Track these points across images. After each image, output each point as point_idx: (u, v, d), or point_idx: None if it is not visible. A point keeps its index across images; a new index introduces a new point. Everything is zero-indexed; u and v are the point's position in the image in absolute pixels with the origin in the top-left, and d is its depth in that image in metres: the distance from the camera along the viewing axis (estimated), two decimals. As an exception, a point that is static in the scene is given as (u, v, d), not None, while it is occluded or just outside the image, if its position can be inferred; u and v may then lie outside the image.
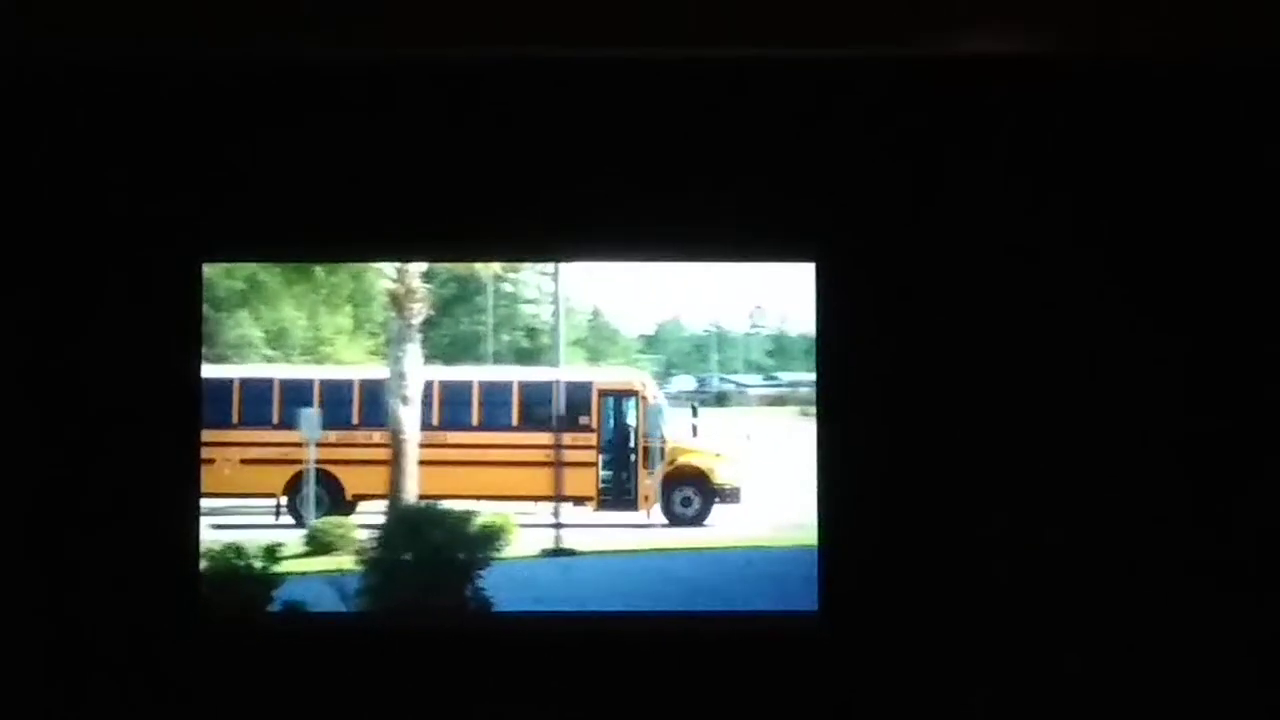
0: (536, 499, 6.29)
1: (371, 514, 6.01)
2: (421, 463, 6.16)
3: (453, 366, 6.31)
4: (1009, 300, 3.81)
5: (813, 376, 5.65)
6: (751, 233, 3.91)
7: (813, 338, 5.38)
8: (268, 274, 5.86)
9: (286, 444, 6.09)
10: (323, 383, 6.20)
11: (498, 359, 6.35)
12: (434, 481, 6.20)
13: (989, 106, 3.81)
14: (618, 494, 6.47)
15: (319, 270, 5.81)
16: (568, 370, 6.37)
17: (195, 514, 3.62)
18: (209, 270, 5.33)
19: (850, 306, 3.79)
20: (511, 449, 6.41)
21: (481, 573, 5.53)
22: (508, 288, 6.13)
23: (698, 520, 6.35)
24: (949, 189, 3.80)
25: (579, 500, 6.34)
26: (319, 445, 6.15)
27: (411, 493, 5.95)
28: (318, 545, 5.63)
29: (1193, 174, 3.83)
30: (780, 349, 6.01)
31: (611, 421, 6.46)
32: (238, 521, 5.72)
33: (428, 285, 5.78)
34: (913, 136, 3.78)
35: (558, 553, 6.08)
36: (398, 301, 5.75)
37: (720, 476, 6.51)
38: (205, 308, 5.43)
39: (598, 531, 6.28)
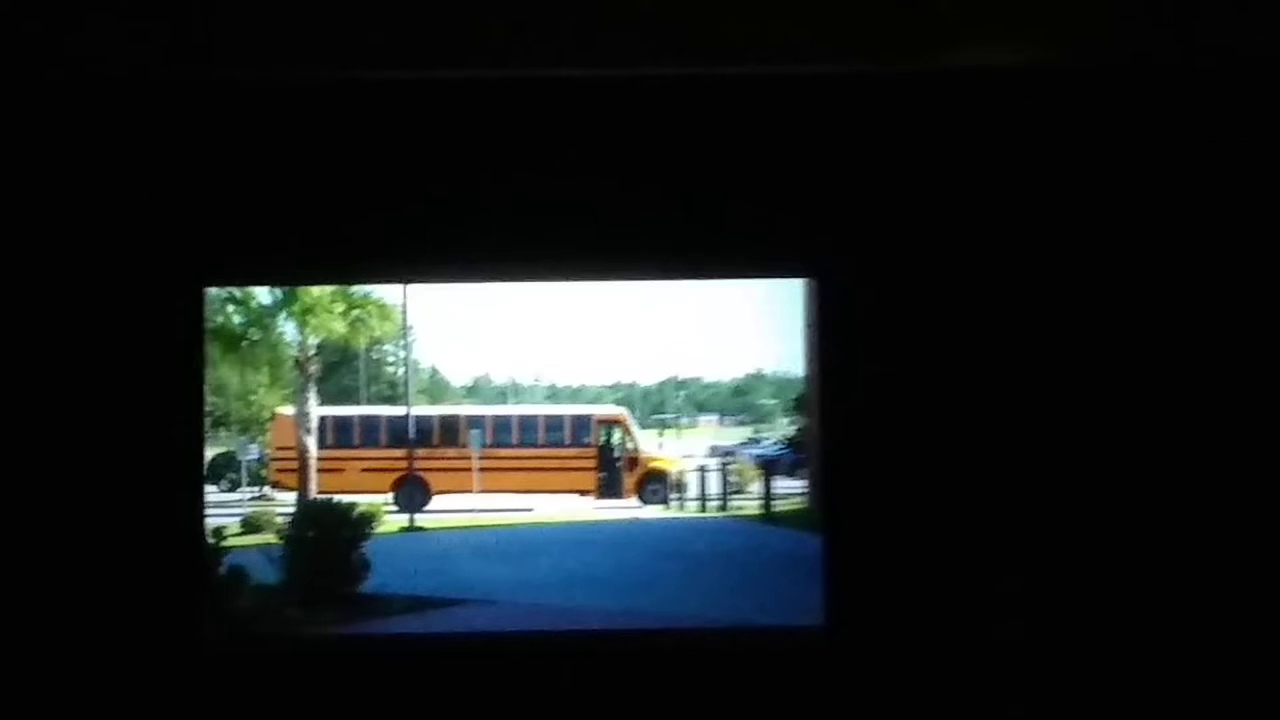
0: (552, 491, 10.20)
1: (286, 505, 8.99)
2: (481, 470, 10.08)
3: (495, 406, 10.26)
4: (1007, 311, 3.79)
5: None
6: (748, 251, 3.84)
7: (576, 387, 8.72)
8: (209, 345, 8.85)
9: (391, 458, 9.87)
10: (416, 418, 9.96)
11: (370, 401, 9.60)
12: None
13: (986, 119, 3.79)
14: (608, 486, 10.47)
15: (244, 343, 8.78)
16: (575, 407, 10.31)
17: (200, 525, 3.72)
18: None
19: (846, 322, 3.78)
20: (539, 458, 10.34)
21: (362, 543, 8.11)
22: (374, 355, 9.27)
23: (663, 503, 10.53)
24: (946, 203, 3.79)
25: (584, 492, 10.40)
26: (414, 457, 9.88)
27: (314, 491, 9.00)
28: (250, 526, 8.55)
29: (1194, 182, 3.75)
30: (553, 395, 9.52)
31: (604, 440, 10.56)
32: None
33: (318, 355, 8.85)
34: (908, 152, 3.78)
35: (411, 530, 9.27)
36: (300, 364, 8.79)
37: (676, 475, 10.82)
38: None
39: (444, 515, 9.50)
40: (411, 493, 9.78)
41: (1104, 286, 3.72)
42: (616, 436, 10.35)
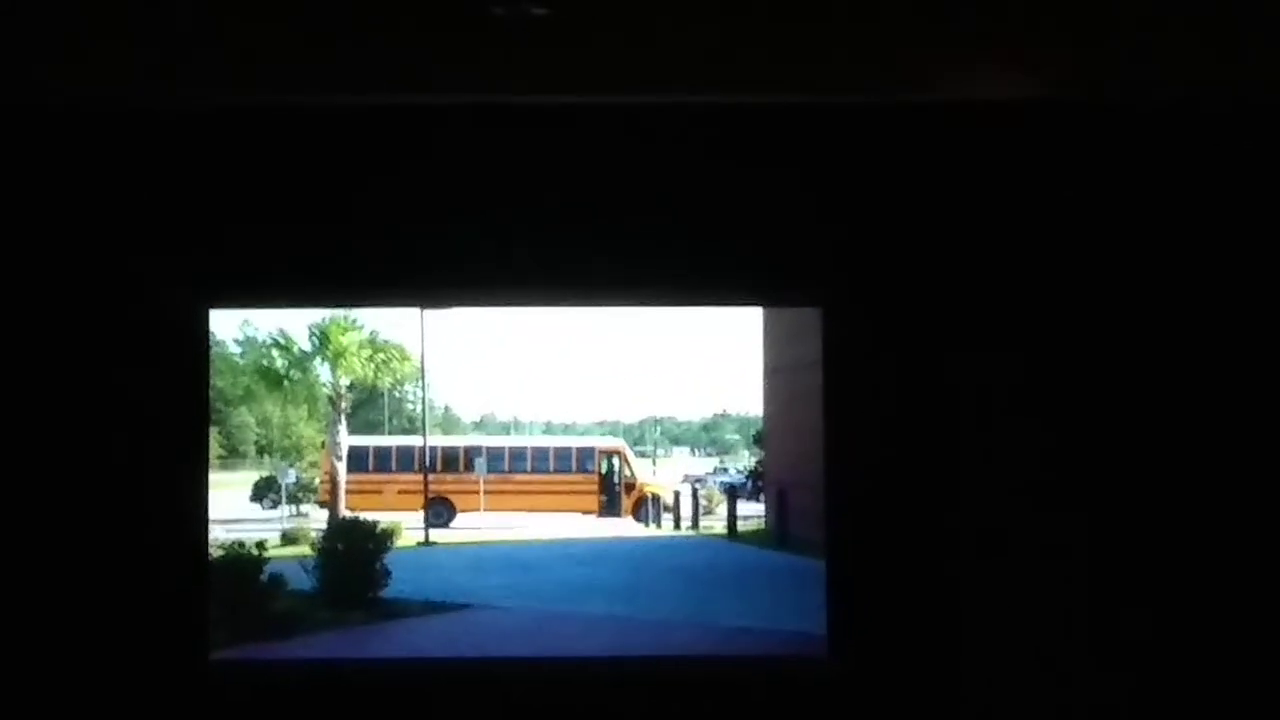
0: (562, 511, 12.72)
1: (319, 522, 10.43)
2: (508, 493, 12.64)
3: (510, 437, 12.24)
4: (1014, 340, 3.78)
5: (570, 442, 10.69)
6: (761, 279, 3.89)
7: (569, 423, 10.21)
8: (255, 384, 10.38)
9: (420, 482, 11.85)
10: (444, 448, 11.92)
11: (391, 433, 11.16)
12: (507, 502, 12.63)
13: (992, 150, 3.81)
14: (609, 507, 12.86)
15: (286, 382, 10.30)
16: (582, 439, 12.29)
17: (203, 545, 3.70)
18: (223, 380, 9.51)
19: (856, 348, 3.80)
20: (550, 483, 13.01)
21: (384, 555, 9.44)
22: (396, 394, 10.79)
23: (655, 522, 12.95)
24: (953, 233, 3.79)
25: (587, 512, 12.85)
26: (439, 480, 12.15)
27: (343, 510, 10.45)
28: (288, 540, 9.99)
29: (1192, 213, 3.77)
30: (549, 429, 11.11)
31: (605, 468, 13.09)
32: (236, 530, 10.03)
33: (350, 392, 10.34)
34: (916, 181, 3.80)
35: (426, 544, 10.76)
36: (333, 401, 10.28)
37: (666, 498, 13.19)
38: (219, 403, 9.49)
39: (455, 531, 11.00)
40: (439, 511, 11.79)
41: (1107, 314, 3.75)
42: (616, 465, 12.79)
